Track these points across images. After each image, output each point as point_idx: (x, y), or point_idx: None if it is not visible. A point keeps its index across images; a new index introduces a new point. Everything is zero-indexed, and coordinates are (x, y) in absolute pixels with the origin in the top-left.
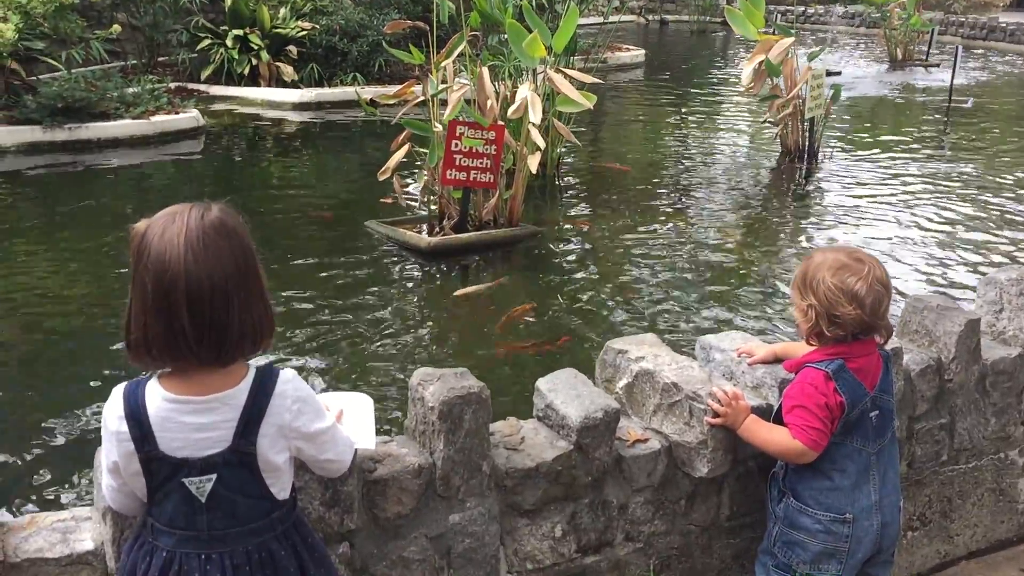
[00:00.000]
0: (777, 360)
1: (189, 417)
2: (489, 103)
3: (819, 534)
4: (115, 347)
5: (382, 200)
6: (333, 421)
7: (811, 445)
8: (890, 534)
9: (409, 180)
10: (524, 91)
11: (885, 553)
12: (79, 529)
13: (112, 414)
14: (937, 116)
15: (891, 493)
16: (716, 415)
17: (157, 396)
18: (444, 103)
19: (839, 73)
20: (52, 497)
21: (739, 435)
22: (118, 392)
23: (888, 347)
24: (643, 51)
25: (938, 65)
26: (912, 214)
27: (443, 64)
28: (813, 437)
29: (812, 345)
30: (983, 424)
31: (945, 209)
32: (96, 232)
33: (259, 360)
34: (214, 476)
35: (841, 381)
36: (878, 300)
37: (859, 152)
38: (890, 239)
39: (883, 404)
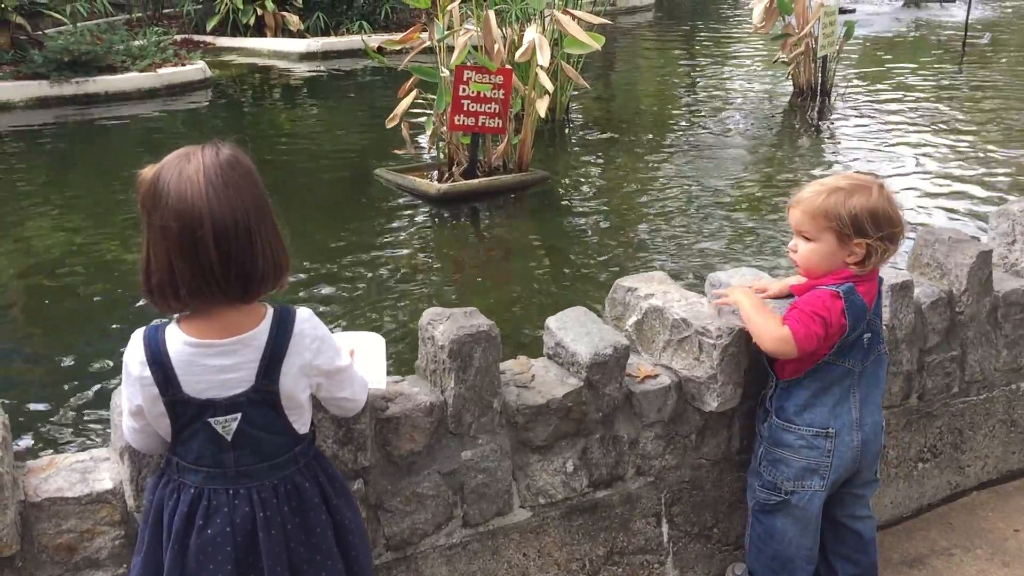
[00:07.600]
0: (791, 296)
1: (212, 360)
2: (496, 47)
3: (802, 449)
4: (131, 296)
5: (395, 151)
6: (350, 360)
7: (796, 335)
8: (871, 451)
9: (418, 126)
10: (531, 33)
11: (867, 472)
12: (97, 469)
13: (134, 359)
14: (953, 53)
15: (873, 412)
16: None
17: (178, 340)
18: (451, 48)
19: (853, 11)
20: (69, 441)
21: (741, 316)
22: (138, 337)
23: (898, 280)
24: None
25: (954, 1)
26: (926, 149)
27: (449, 8)
28: (802, 331)
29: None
30: (994, 356)
31: (959, 145)
32: (108, 184)
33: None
34: (239, 415)
35: (849, 303)
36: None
37: (873, 90)
38: (906, 175)
39: (875, 327)
